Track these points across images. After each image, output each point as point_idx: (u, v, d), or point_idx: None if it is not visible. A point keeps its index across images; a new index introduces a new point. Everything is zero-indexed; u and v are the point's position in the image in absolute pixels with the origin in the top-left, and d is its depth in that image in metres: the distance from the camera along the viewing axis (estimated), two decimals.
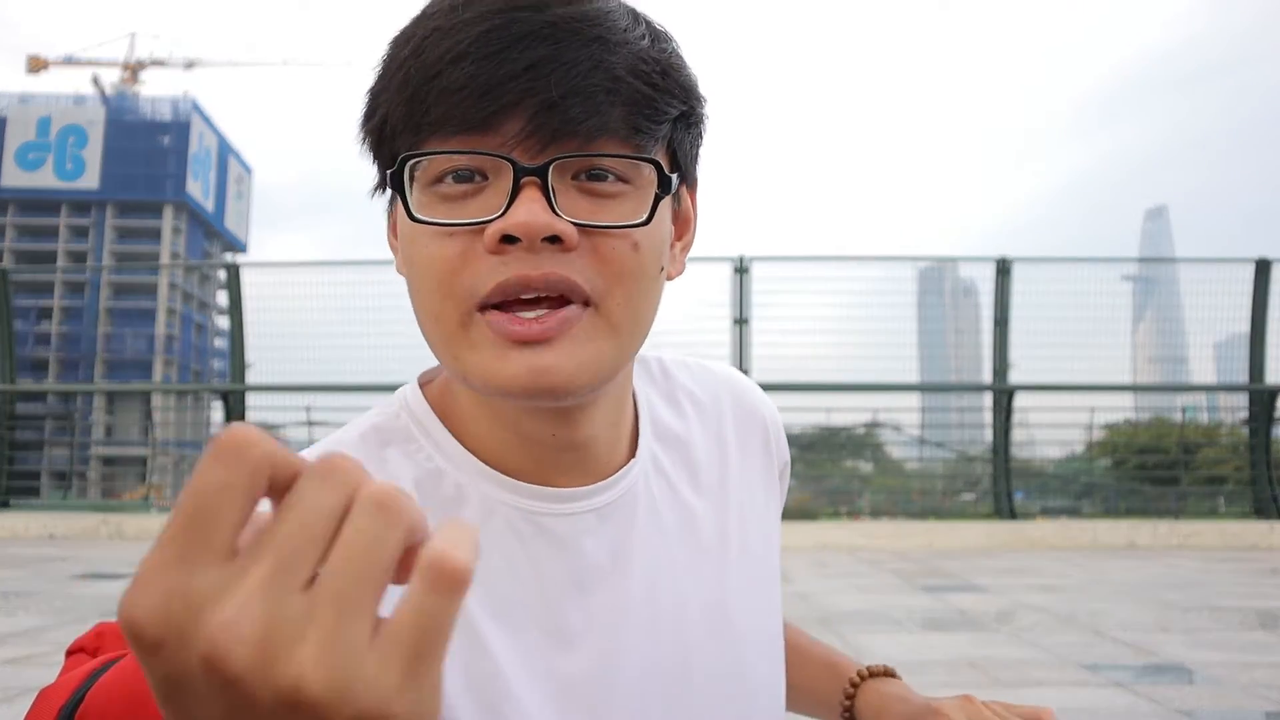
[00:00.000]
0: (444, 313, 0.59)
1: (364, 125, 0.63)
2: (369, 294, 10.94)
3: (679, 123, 0.62)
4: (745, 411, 0.81)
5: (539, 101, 0.55)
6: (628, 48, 0.58)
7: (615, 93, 0.57)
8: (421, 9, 0.61)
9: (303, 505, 0.30)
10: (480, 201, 0.57)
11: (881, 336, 10.75)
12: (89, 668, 0.81)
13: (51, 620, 4.44)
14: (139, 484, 17.14)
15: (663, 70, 0.59)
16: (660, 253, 0.62)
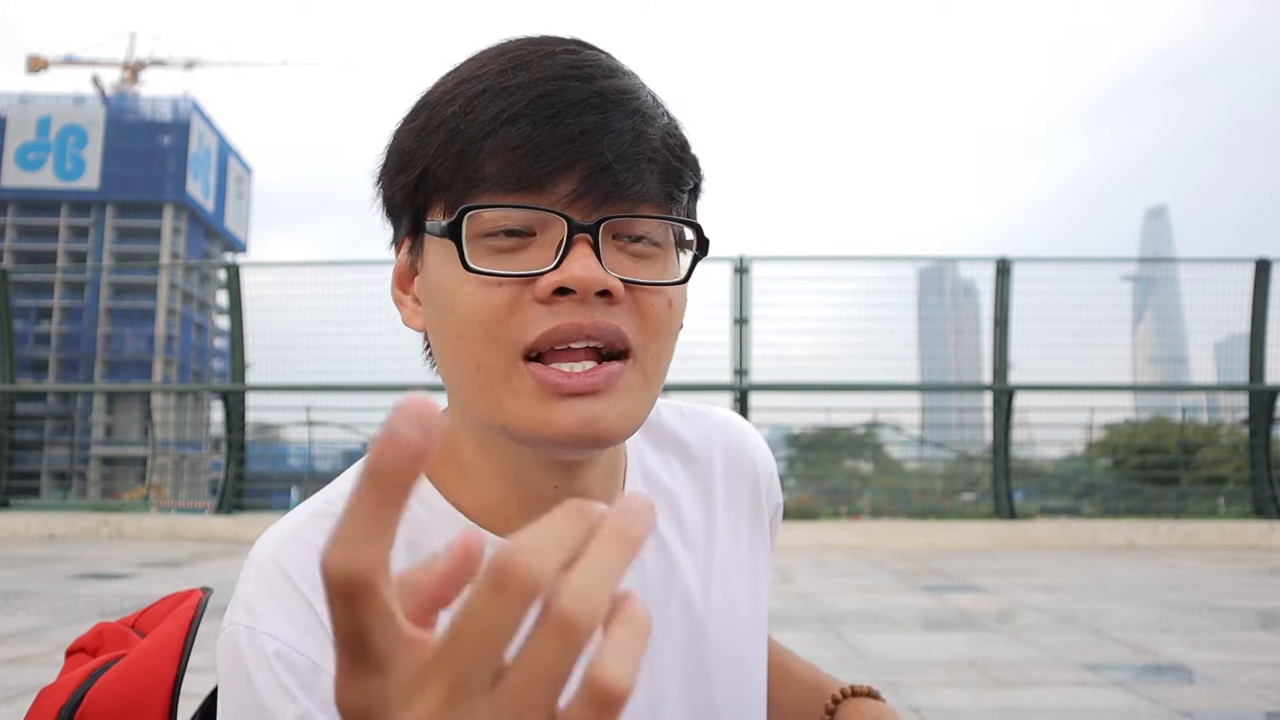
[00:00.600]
0: (487, 359, 0.60)
1: (393, 180, 0.65)
2: (369, 294, 10.94)
3: (692, 193, 0.67)
4: (736, 458, 0.82)
5: (592, 165, 0.59)
6: (659, 122, 0.62)
7: (654, 161, 0.61)
8: (458, 72, 0.64)
9: (478, 621, 0.30)
10: (528, 256, 0.60)
11: (881, 336, 10.75)
12: (89, 668, 0.81)
13: (51, 620, 4.43)
14: (139, 484, 17.16)
15: (683, 145, 0.65)
16: (684, 310, 0.66)
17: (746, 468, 0.83)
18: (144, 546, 8.36)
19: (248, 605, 0.62)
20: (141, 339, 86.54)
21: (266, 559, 0.64)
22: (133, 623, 0.89)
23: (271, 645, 0.59)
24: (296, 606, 0.61)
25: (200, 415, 14.80)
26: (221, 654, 0.62)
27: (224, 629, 0.62)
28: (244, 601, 0.62)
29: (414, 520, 0.67)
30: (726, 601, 0.78)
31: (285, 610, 0.61)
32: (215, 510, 10.10)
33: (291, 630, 0.60)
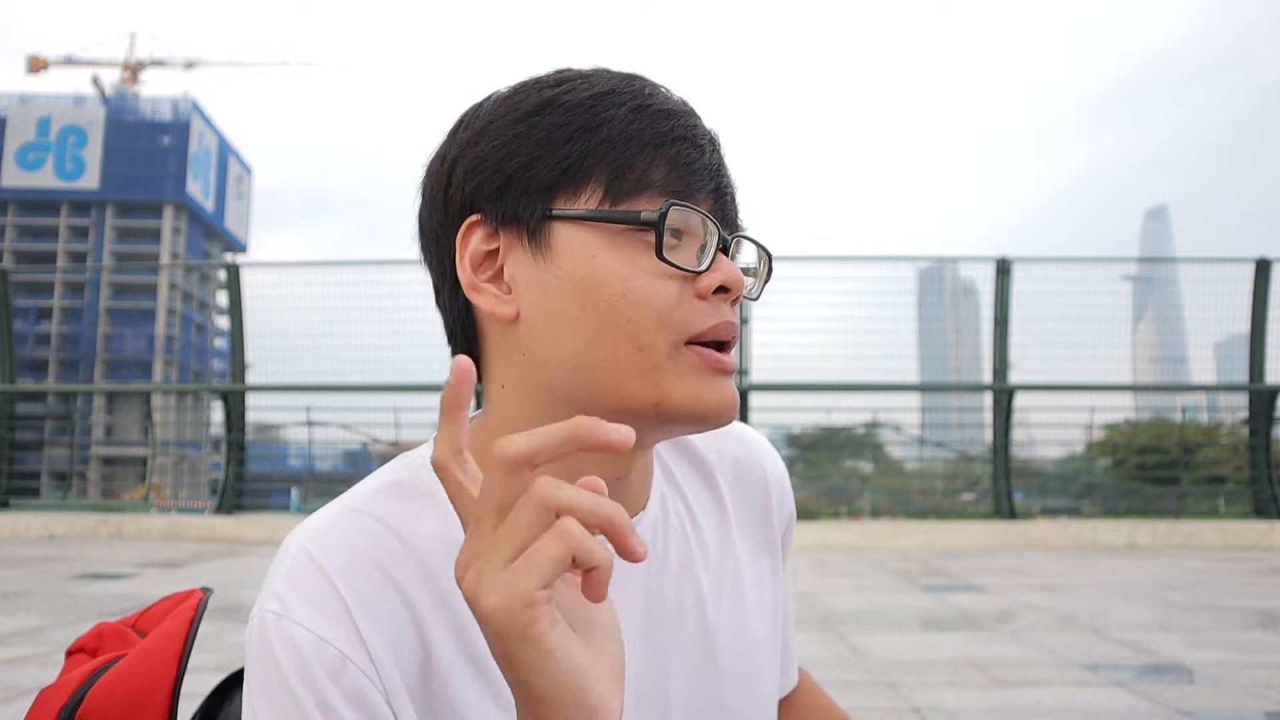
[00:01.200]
0: (655, 342, 0.66)
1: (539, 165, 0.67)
2: (369, 294, 10.95)
3: None
4: (746, 468, 0.86)
5: (721, 191, 0.71)
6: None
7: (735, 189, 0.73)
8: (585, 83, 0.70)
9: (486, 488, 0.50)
10: (680, 255, 0.68)
11: (881, 336, 10.74)
12: (89, 668, 0.81)
13: (51, 620, 4.44)
14: (139, 484, 17.15)
15: None
16: None
17: (757, 478, 0.86)
18: (144, 546, 8.36)
19: (278, 594, 0.63)
20: (141, 339, 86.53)
21: (299, 549, 0.66)
22: (133, 623, 0.89)
23: (300, 634, 0.61)
24: (327, 597, 0.63)
25: (200, 415, 14.80)
26: (250, 639, 0.63)
27: (253, 616, 0.64)
28: (274, 590, 0.64)
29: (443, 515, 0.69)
30: (737, 607, 0.80)
31: (315, 600, 0.63)
32: (215, 510, 10.10)
33: (321, 620, 0.62)
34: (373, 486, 0.71)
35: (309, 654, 0.60)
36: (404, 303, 10.46)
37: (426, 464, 0.72)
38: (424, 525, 0.68)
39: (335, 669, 0.61)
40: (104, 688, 0.78)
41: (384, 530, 0.67)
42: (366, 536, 0.66)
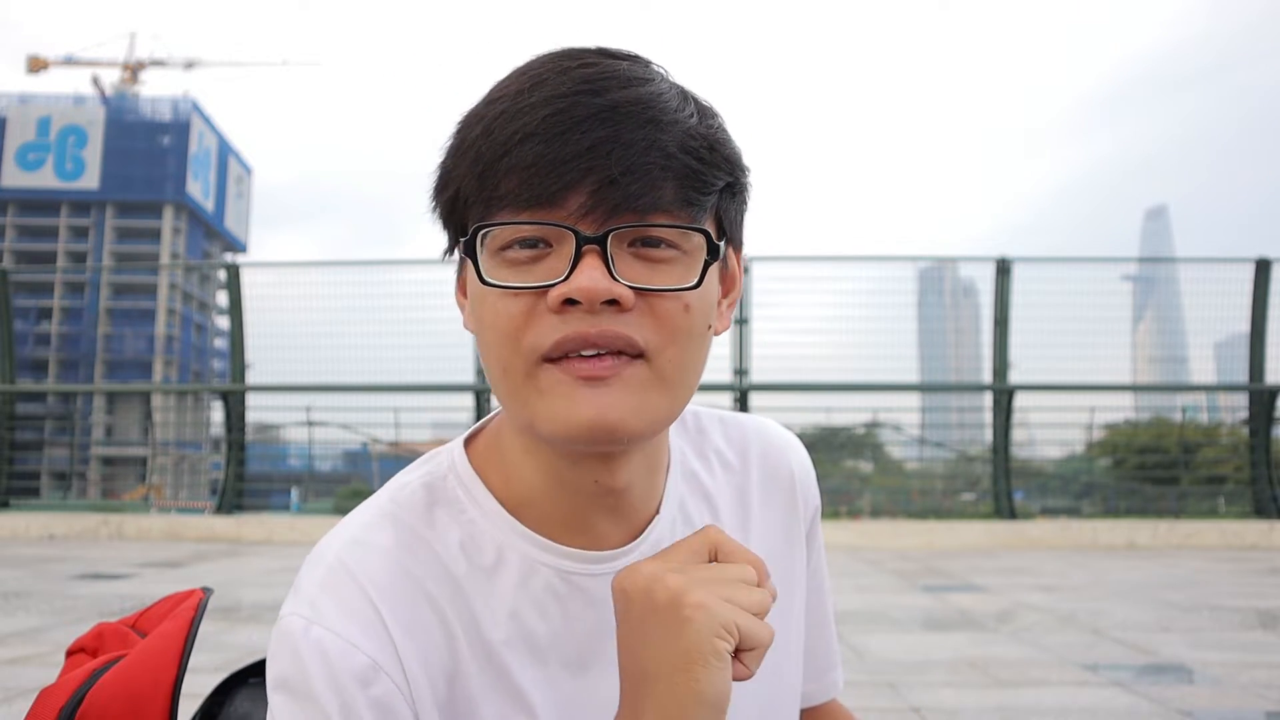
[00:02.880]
0: (512, 365, 0.65)
1: (436, 197, 0.69)
2: (369, 294, 10.95)
3: (725, 192, 0.67)
4: (772, 465, 0.85)
5: (600, 178, 0.61)
6: (678, 126, 0.64)
7: (668, 169, 0.62)
8: (488, 93, 0.67)
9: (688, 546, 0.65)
10: (544, 267, 0.63)
11: (881, 336, 10.74)
12: (89, 668, 0.81)
13: (51, 620, 4.44)
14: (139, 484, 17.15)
15: (709, 145, 0.65)
16: (709, 312, 0.68)
17: (783, 474, 0.86)
18: (144, 546, 8.36)
19: (310, 600, 0.65)
20: (141, 339, 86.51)
21: (336, 560, 0.67)
22: (133, 623, 0.89)
23: (330, 640, 0.63)
24: (360, 605, 0.65)
25: (200, 415, 14.80)
26: (277, 641, 0.65)
27: (282, 617, 0.65)
28: (306, 595, 0.66)
29: (467, 522, 0.72)
30: None
31: (348, 608, 0.64)
32: (215, 510, 10.10)
33: (353, 628, 0.64)
34: (407, 489, 0.73)
35: (336, 660, 0.62)
36: (404, 303, 10.47)
37: (454, 469, 0.74)
38: (451, 534, 0.71)
39: (366, 676, 0.62)
40: (104, 688, 0.78)
41: (418, 541, 0.70)
42: (404, 548, 0.69)
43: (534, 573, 0.71)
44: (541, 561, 0.71)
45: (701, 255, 0.65)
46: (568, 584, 0.71)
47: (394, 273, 11.24)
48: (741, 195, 0.70)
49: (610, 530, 0.73)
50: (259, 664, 0.90)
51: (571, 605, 0.71)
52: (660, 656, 0.60)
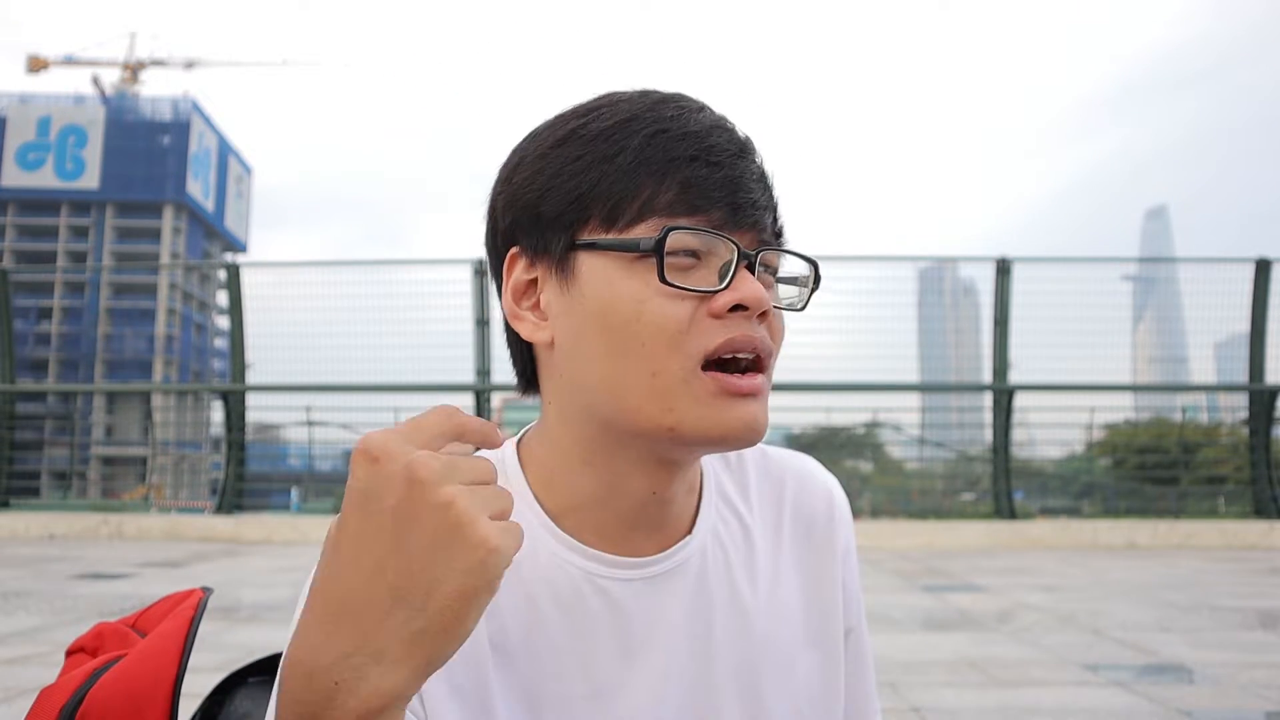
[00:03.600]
0: (668, 367, 0.67)
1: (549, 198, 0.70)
2: (369, 294, 10.95)
3: None
4: (807, 502, 0.86)
5: (741, 203, 0.69)
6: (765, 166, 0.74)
7: (770, 199, 0.73)
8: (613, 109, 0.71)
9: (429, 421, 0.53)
10: (699, 275, 0.68)
11: (881, 336, 10.74)
12: (89, 668, 0.81)
13: (51, 620, 4.44)
14: (139, 484, 17.14)
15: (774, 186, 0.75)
16: None
17: (819, 513, 0.86)
18: (144, 546, 8.36)
19: None
20: (141, 339, 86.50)
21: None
22: (133, 623, 0.89)
23: None
24: None
25: (200, 415, 14.80)
26: None
27: None
28: None
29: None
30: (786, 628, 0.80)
31: None
32: (215, 510, 10.10)
33: None
34: None
35: None
36: (404, 303, 10.47)
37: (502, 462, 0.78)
38: None
39: None
40: (104, 688, 0.78)
41: None
42: None
43: (561, 569, 0.73)
44: (570, 561, 0.73)
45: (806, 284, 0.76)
46: (591, 584, 0.73)
47: (394, 273, 11.24)
48: None
49: (644, 543, 0.75)
50: (259, 663, 0.90)
51: (592, 605, 0.73)
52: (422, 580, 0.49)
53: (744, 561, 0.80)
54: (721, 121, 0.72)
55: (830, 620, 0.83)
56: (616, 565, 0.74)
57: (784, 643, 0.79)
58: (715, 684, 0.76)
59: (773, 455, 0.87)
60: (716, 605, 0.77)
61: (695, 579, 0.76)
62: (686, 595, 0.76)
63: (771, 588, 0.80)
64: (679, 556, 0.76)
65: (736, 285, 0.67)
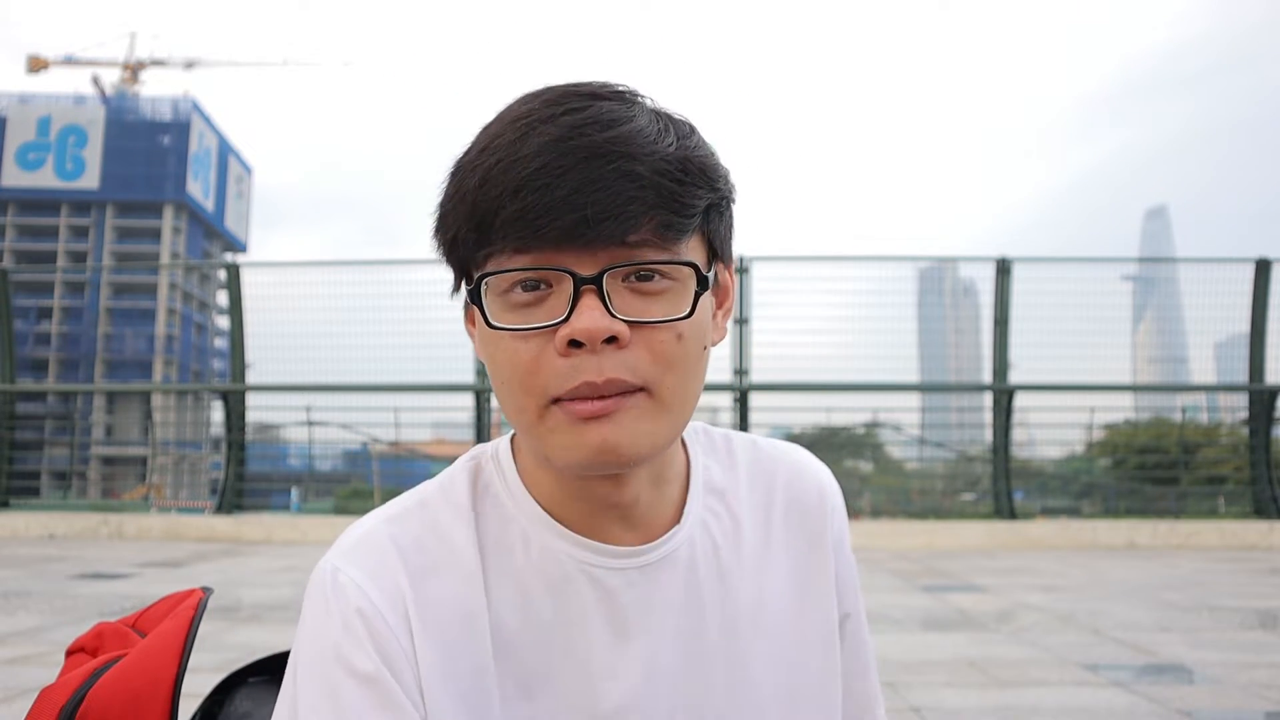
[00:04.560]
0: (525, 405, 0.69)
1: (437, 236, 0.74)
2: (369, 294, 10.95)
3: (710, 210, 0.71)
4: (799, 492, 0.86)
5: (584, 217, 0.65)
6: (655, 156, 0.67)
7: (645, 200, 0.66)
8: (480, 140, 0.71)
9: None
10: (548, 306, 0.67)
11: (881, 336, 10.74)
12: (89, 668, 0.81)
13: (51, 620, 4.44)
14: (139, 484, 17.13)
15: (684, 168, 0.68)
16: (702, 335, 0.72)
17: (810, 502, 0.86)
18: (144, 546, 8.36)
19: (346, 554, 0.73)
20: (141, 339, 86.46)
21: (375, 526, 0.75)
22: (133, 623, 0.89)
23: (355, 597, 0.70)
24: (390, 573, 0.72)
25: (200, 415, 14.81)
26: (311, 589, 0.72)
27: (319, 568, 0.73)
28: (343, 551, 0.73)
29: (498, 505, 0.78)
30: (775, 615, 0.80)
31: (377, 575, 0.71)
32: (215, 510, 10.10)
33: (376, 590, 0.70)
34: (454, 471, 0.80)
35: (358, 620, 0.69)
36: (404, 303, 10.46)
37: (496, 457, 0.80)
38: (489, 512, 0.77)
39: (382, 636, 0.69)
40: (104, 687, 0.78)
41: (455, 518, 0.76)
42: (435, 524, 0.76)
43: (553, 560, 0.75)
44: (562, 551, 0.75)
45: (692, 284, 0.69)
46: (584, 574, 0.75)
47: (394, 273, 11.23)
48: (727, 211, 0.74)
49: (624, 535, 0.76)
50: (259, 663, 0.90)
51: (585, 594, 0.75)
52: None
53: (733, 551, 0.80)
54: (577, 127, 0.67)
55: (824, 609, 0.83)
56: (608, 554, 0.75)
57: (775, 631, 0.80)
58: (706, 671, 0.77)
59: (764, 446, 0.88)
60: (706, 594, 0.78)
61: (685, 568, 0.77)
62: (677, 584, 0.77)
63: (762, 576, 0.81)
64: (667, 547, 0.77)
65: (573, 317, 0.65)
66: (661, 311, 0.68)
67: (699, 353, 0.71)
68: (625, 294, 0.67)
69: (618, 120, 0.68)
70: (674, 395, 0.69)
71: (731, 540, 0.81)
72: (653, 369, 0.68)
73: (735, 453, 0.86)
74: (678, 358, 0.69)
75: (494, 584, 0.74)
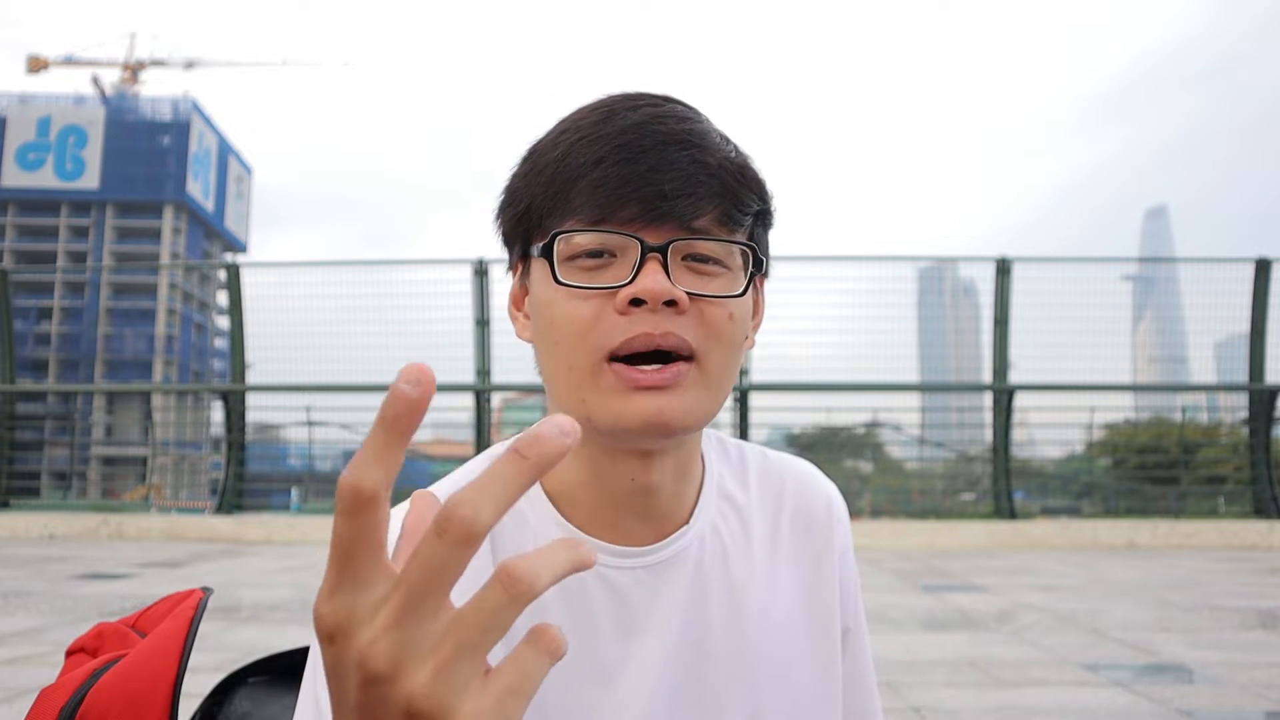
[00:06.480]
0: (577, 361, 0.71)
1: (504, 213, 0.78)
2: (369, 294, 10.95)
3: (757, 219, 0.76)
4: (806, 504, 0.88)
5: (655, 194, 0.69)
6: (719, 153, 0.73)
7: (711, 189, 0.71)
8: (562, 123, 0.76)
9: (425, 557, 0.37)
10: (609, 273, 0.71)
11: (881, 336, 10.75)
12: (89, 668, 0.81)
13: (51, 620, 4.44)
14: (139, 484, 17.14)
15: (742, 171, 0.74)
16: (747, 323, 0.77)
17: (817, 515, 0.88)
18: (144, 546, 8.36)
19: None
20: (141, 339, 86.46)
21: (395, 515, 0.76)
22: (133, 623, 0.89)
23: None
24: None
25: (200, 415, 14.80)
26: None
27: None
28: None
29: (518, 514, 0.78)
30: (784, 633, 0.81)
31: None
32: (215, 510, 10.10)
33: None
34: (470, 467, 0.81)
35: None
36: (404, 303, 10.47)
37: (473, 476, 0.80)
38: None
39: None
40: (104, 687, 0.78)
41: None
42: None
43: None
44: None
45: (743, 271, 0.74)
46: (593, 572, 0.76)
47: (394, 273, 11.24)
48: (770, 225, 0.79)
49: (637, 529, 0.77)
50: (259, 663, 0.90)
51: (593, 591, 0.76)
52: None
53: (742, 555, 0.82)
54: (657, 117, 0.72)
55: (827, 618, 0.85)
56: (617, 554, 0.77)
57: (779, 636, 0.81)
58: (711, 672, 0.78)
59: (773, 457, 0.90)
60: (713, 595, 0.79)
61: (693, 569, 0.79)
62: (684, 584, 0.78)
63: (768, 582, 0.82)
64: (676, 546, 0.78)
65: (638, 279, 0.69)
66: (715, 291, 0.72)
67: (742, 339, 0.76)
68: (683, 271, 0.71)
69: (691, 119, 0.74)
70: (720, 371, 0.73)
71: (741, 546, 0.82)
72: (705, 340, 0.71)
73: (747, 463, 0.88)
74: (726, 334, 0.73)
75: None
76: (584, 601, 0.76)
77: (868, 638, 0.91)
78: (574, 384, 0.72)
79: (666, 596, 0.77)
